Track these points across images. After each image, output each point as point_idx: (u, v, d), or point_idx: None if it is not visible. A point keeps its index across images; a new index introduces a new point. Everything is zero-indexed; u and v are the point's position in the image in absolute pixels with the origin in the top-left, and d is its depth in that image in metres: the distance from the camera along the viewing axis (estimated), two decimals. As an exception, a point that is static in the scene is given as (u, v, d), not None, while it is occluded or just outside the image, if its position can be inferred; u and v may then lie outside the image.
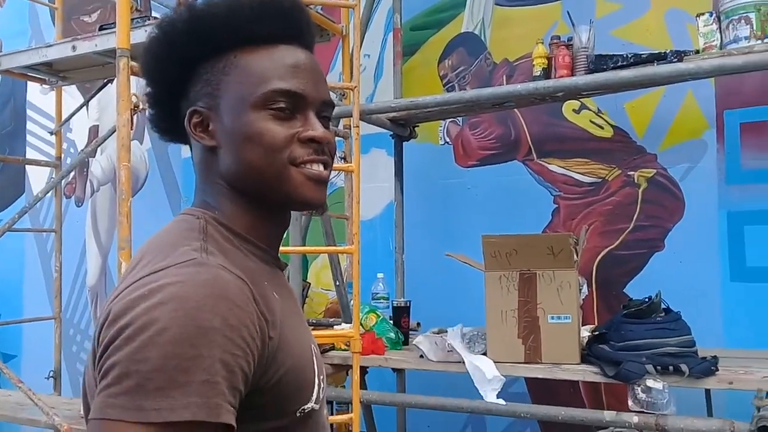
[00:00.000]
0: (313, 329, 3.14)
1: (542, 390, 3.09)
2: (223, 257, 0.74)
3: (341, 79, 3.10)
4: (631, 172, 3.05)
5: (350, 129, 2.83)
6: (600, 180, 3.12)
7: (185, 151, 4.59)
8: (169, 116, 0.87)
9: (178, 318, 0.64)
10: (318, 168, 0.81)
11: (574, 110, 3.19)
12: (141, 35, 2.28)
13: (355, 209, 2.25)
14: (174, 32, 0.82)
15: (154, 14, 3.45)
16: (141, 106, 2.05)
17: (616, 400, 2.90)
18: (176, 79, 0.84)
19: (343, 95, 3.02)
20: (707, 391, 2.22)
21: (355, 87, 2.21)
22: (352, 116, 2.30)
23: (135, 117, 2.00)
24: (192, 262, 0.71)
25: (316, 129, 0.81)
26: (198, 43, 0.81)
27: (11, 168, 5.17)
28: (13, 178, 5.21)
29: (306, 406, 0.78)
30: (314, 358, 0.83)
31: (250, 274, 0.75)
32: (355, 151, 2.23)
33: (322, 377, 0.84)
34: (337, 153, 3.47)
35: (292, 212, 0.90)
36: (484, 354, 2.31)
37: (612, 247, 3.10)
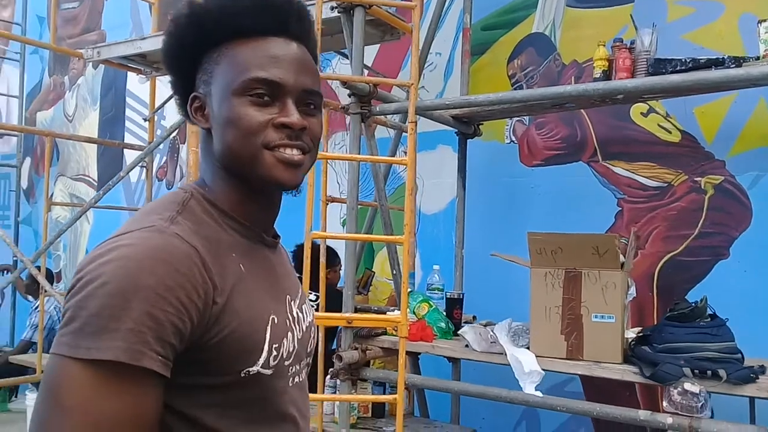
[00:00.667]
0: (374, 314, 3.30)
1: (597, 392, 3.09)
2: (193, 227, 0.83)
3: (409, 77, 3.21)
4: (698, 178, 3.00)
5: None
6: (665, 185, 3.09)
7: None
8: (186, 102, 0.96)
9: (119, 275, 0.74)
10: (290, 152, 0.87)
11: (642, 113, 3.16)
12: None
13: (407, 200, 2.36)
14: (180, 26, 0.92)
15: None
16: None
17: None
18: (188, 69, 0.93)
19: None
20: (751, 400, 2.19)
21: (412, 84, 2.31)
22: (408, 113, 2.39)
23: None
24: (151, 229, 0.80)
25: (291, 115, 0.86)
26: (198, 36, 0.90)
27: (111, 151, 5.60)
28: (112, 160, 5.63)
29: (251, 369, 0.84)
30: (270, 327, 0.87)
31: (216, 245, 0.84)
32: (410, 146, 2.33)
33: (277, 346, 0.88)
34: (403, 147, 3.59)
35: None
36: (527, 348, 2.36)
37: (675, 252, 3.06)
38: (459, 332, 2.58)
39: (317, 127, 0.92)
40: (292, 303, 0.96)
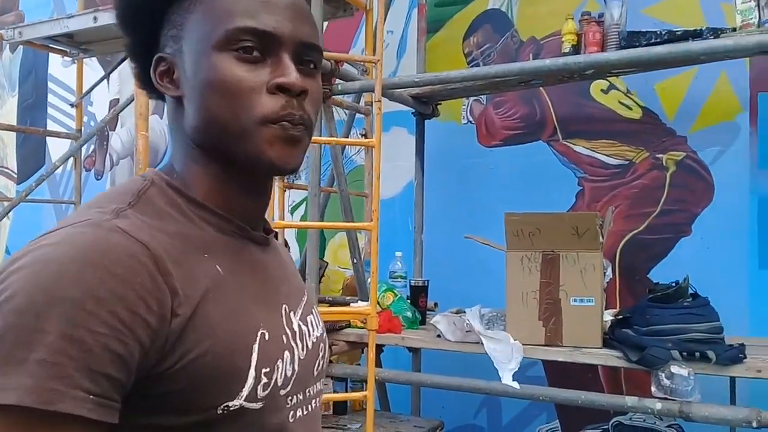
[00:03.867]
0: (329, 306, 3.15)
1: (560, 375, 3.04)
2: (150, 221, 0.64)
3: (364, 55, 3.05)
4: (660, 155, 2.97)
5: (372, 105, 2.78)
6: (627, 162, 3.05)
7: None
8: (149, 69, 0.75)
9: (30, 285, 0.55)
10: (291, 126, 0.68)
11: (602, 90, 3.10)
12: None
13: (375, 185, 2.21)
14: None
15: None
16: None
17: (634, 385, 2.85)
18: (150, 25, 0.74)
19: (365, 70, 2.96)
20: (732, 380, 2.16)
21: (378, 61, 2.16)
22: (374, 91, 2.24)
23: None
24: (85, 223, 0.61)
25: (289, 74, 0.67)
26: None
27: (32, 140, 5.19)
28: (34, 150, 5.23)
29: (232, 403, 0.63)
30: (258, 346, 0.66)
31: (182, 242, 0.65)
32: (376, 126, 2.18)
33: (269, 371, 0.67)
34: (358, 130, 3.43)
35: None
36: (504, 335, 2.26)
37: (637, 231, 3.03)
38: (432, 321, 2.45)
39: (318, 93, 0.73)
40: (293, 314, 0.76)
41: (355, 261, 2.83)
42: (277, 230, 0.83)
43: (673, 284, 2.10)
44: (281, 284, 0.77)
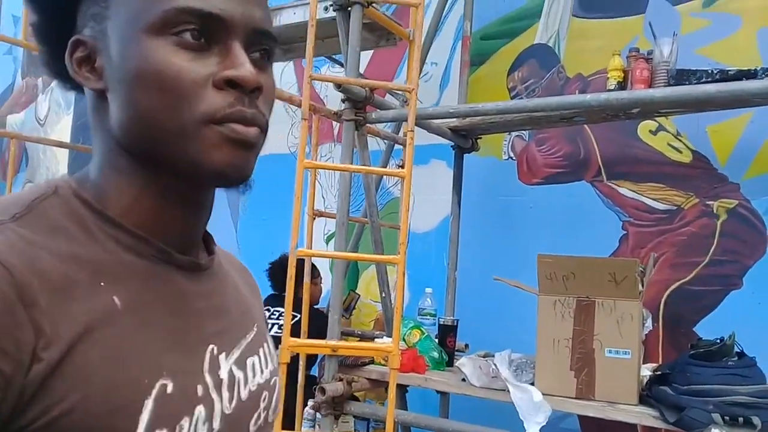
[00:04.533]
0: (358, 340, 3.07)
1: (595, 428, 2.87)
2: (33, 238, 0.52)
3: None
4: (710, 202, 2.81)
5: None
6: (675, 208, 2.90)
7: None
8: (62, 55, 0.62)
9: None
10: (243, 128, 0.57)
11: (650, 131, 2.98)
12: None
13: (404, 217, 2.13)
14: None
15: None
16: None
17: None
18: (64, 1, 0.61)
19: (405, 101, 2.91)
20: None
21: (413, 89, 2.09)
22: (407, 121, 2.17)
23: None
24: None
25: (240, 66, 0.56)
26: None
27: (84, 158, 5.30)
28: (83, 167, 5.33)
29: None
30: (154, 400, 0.53)
31: (71, 266, 0.53)
32: (408, 157, 2.10)
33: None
34: (396, 161, 3.37)
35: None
36: (532, 384, 2.13)
37: (684, 281, 2.86)
38: (456, 364, 2.34)
39: (272, 89, 0.62)
40: (222, 356, 0.62)
41: (383, 295, 2.74)
42: (219, 251, 0.70)
43: (718, 341, 1.94)
44: (212, 319, 0.63)
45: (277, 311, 3.19)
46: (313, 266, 3.08)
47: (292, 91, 3.81)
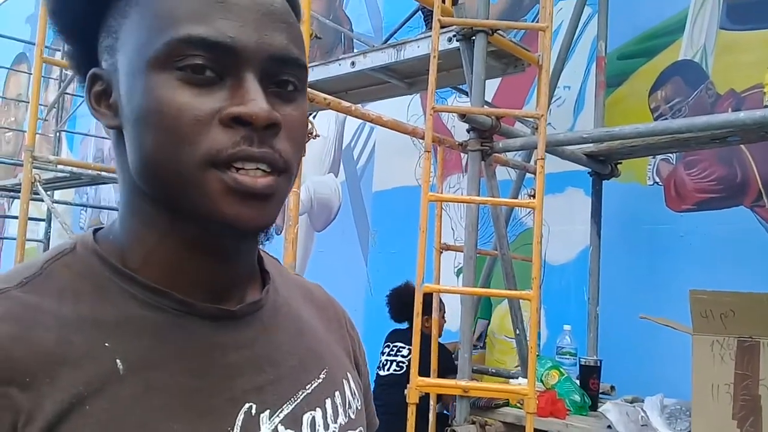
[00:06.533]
0: (493, 379, 2.92)
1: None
2: (45, 303, 0.49)
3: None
4: None
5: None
6: None
7: (378, 183, 4.64)
8: None
9: None
10: (250, 174, 0.50)
11: (819, 149, 2.64)
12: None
13: (536, 250, 2.00)
14: None
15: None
16: (315, 133, 2.01)
17: None
18: (85, 30, 0.57)
19: (535, 127, 2.79)
20: None
21: (542, 116, 1.98)
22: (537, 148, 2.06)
23: (308, 144, 1.95)
24: None
25: (249, 101, 0.49)
26: None
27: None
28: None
29: None
30: None
31: (73, 330, 0.49)
32: (539, 186, 1.99)
33: None
34: (527, 190, 3.24)
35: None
36: (688, 435, 1.91)
37: None
38: (600, 409, 2.15)
39: (299, 124, 0.54)
40: (265, 415, 0.54)
41: (517, 332, 2.60)
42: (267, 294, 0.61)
43: None
44: (251, 373, 0.55)
45: (396, 346, 3.09)
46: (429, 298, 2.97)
47: (418, 124, 3.80)
